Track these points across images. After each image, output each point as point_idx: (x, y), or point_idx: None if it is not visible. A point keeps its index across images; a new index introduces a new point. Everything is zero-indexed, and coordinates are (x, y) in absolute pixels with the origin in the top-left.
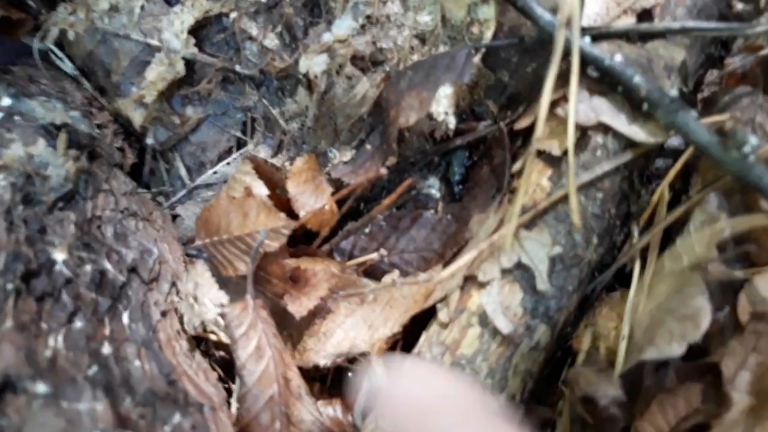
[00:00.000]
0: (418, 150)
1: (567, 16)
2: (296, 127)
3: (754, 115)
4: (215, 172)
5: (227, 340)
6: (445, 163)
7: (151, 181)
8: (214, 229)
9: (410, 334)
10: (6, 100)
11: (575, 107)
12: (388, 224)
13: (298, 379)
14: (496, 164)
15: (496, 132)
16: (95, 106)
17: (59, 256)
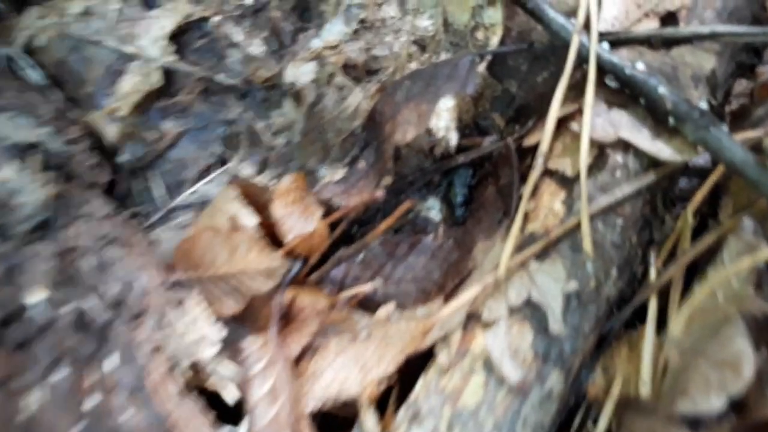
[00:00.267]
0: (417, 168)
1: (583, 20)
2: (283, 143)
3: None
4: (195, 192)
5: (227, 379)
6: (447, 183)
7: (125, 200)
8: (195, 262)
9: (406, 376)
10: None
11: (591, 121)
12: (383, 251)
13: None
14: (502, 185)
15: (503, 149)
16: (66, 119)
17: (34, 298)
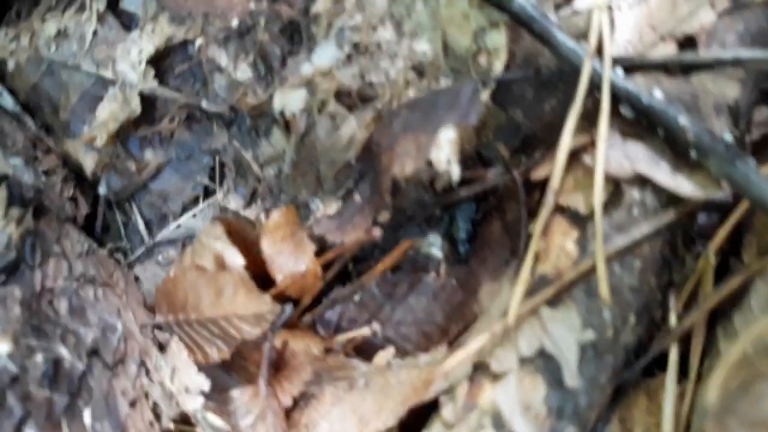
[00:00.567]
0: (416, 202)
1: (595, 43)
2: (272, 174)
3: None
4: (179, 226)
5: None
6: (449, 218)
7: (105, 235)
8: (179, 304)
9: (407, 430)
10: None
11: (605, 154)
12: (381, 291)
13: None
14: (509, 221)
15: (509, 182)
16: (40, 148)
17: (2, 348)
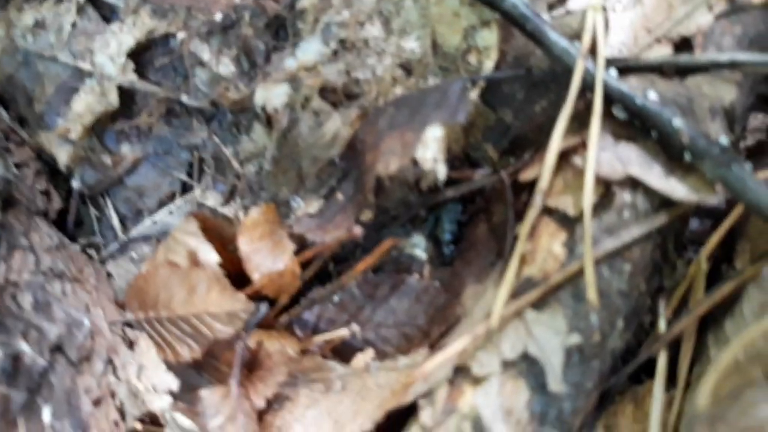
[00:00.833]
0: (401, 202)
1: (588, 44)
2: (253, 171)
3: None
4: (155, 222)
5: None
6: (434, 219)
7: (77, 230)
8: (150, 301)
9: None
10: None
11: (596, 156)
12: (362, 292)
13: None
14: (496, 223)
15: (497, 183)
16: (13, 140)
17: None
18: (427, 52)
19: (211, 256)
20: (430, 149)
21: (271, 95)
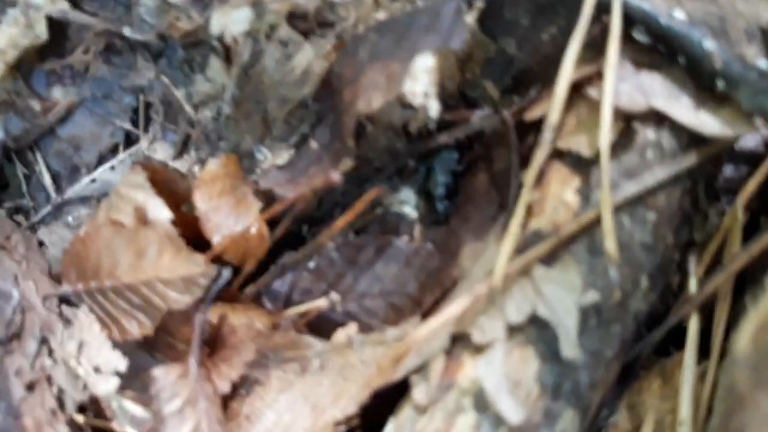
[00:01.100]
0: (386, 150)
1: None
2: (209, 116)
3: None
4: (94, 180)
5: (130, 423)
6: (425, 170)
7: (2, 192)
8: (91, 270)
9: (371, 417)
10: None
11: (614, 86)
12: (342, 256)
13: None
14: (497, 171)
15: (498, 125)
16: None
17: None
18: None
19: (162, 212)
20: (420, 82)
21: (230, 22)
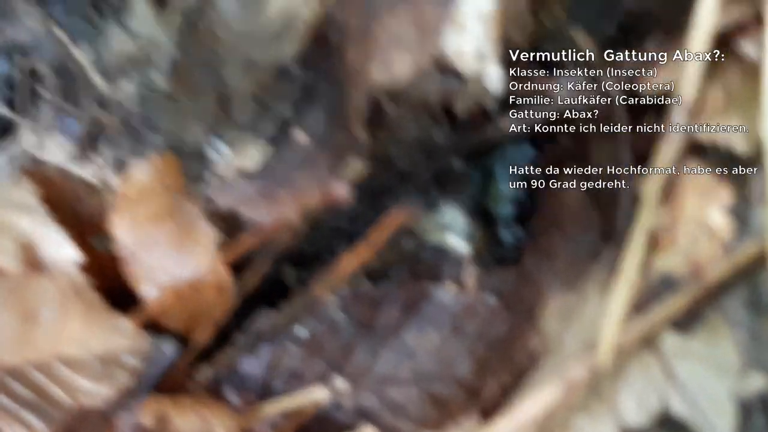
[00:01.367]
0: (418, 144)
1: None
2: (132, 93)
3: None
4: None
5: None
6: (481, 176)
7: None
8: None
9: None
10: None
11: None
12: (350, 318)
13: None
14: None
15: (598, 101)
16: None
17: None
18: None
19: (63, 249)
20: (470, 35)
21: None
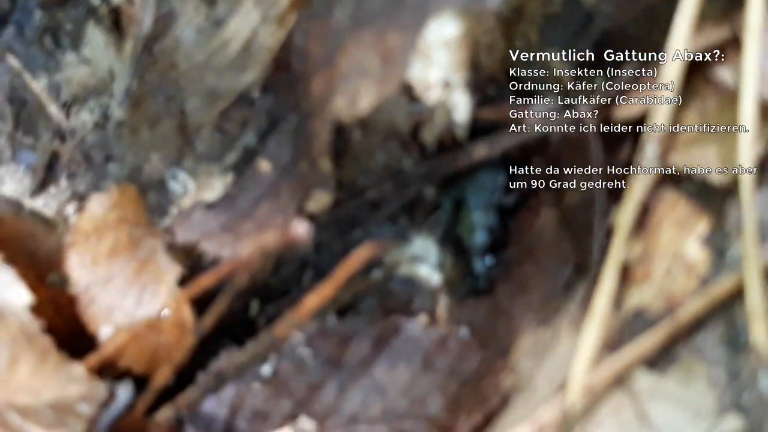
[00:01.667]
0: (386, 172)
1: None
2: (89, 122)
3: None
4: None
5: None
6: (452, 204)
7: None
8: None
9: None
10: None
11: (759, 65)
12: (317, 355)
13: None
14: (571, 206)
15: (571, 127)
16: None
17: None
18: None
19: (14, 290)
20: (437, 63)
21: None
